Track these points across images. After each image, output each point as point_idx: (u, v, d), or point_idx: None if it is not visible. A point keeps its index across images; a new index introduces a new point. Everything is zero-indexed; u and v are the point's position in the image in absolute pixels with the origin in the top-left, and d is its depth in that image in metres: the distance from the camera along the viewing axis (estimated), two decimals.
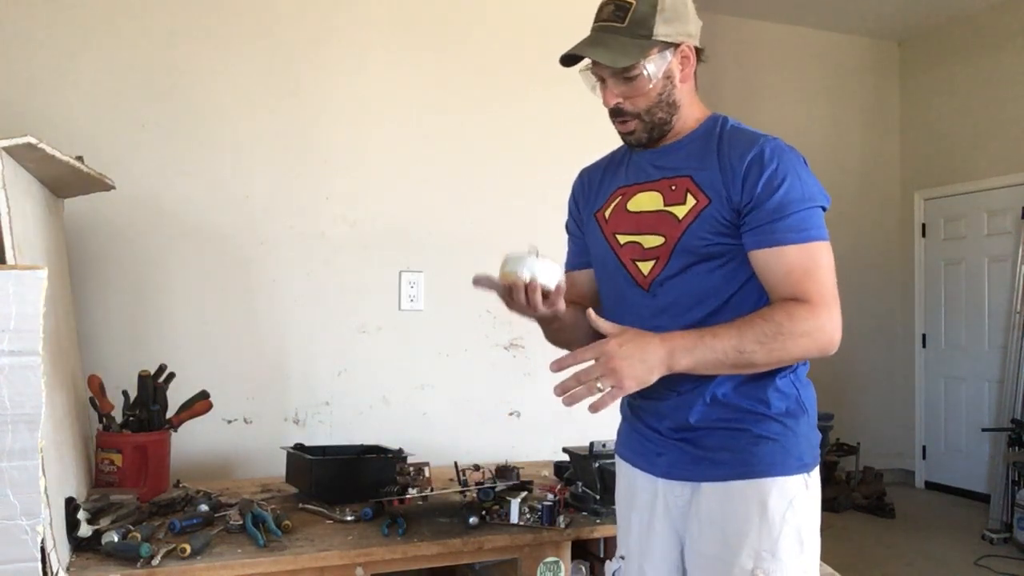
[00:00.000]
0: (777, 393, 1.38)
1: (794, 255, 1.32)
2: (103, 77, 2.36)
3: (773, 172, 1.33)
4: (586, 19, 1.47)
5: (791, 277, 1.32)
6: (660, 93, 1.41)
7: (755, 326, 1.28)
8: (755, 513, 1.34)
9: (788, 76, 6.00)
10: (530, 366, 2.80)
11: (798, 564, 1.34)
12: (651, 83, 1.39)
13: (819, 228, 1.34)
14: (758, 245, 1.34)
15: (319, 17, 2.59)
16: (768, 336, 1.27)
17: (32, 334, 1.30)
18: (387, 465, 2.01)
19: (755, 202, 1.33)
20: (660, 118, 1.42)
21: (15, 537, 1.29)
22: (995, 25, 5.68)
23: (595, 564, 2.05)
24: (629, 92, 1.40)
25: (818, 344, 1.31)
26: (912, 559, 4.38)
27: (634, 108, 1.41)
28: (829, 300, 1.32)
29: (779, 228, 1.32)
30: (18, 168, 1.58)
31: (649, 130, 1.43)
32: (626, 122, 1.43)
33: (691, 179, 1.40)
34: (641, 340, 1.26)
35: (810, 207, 1.34)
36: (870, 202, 6.23)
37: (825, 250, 1.34)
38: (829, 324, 1.31)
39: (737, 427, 1.37)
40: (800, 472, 1.37)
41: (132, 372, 2.05)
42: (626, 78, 1.39)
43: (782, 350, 1.29)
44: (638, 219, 1.45)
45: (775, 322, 1.28)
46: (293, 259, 2.54)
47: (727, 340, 1.27)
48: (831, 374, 5.57)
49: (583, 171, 1.66)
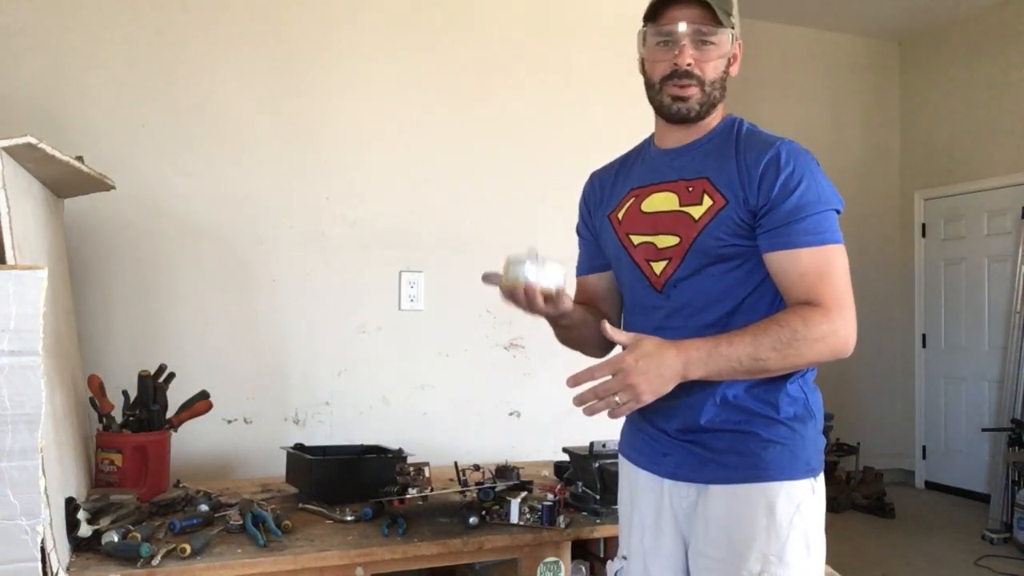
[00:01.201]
0: (787, 397, 1.38)
1: (808, 258, 1.33)
2: (103, 77, 2.36)
3: (789, 175, 1.34)
4: (586, 19, 1.47)
5: (805, 280, 1.33)
6: (723, 71, 1.43)
7: (770, 333, 1.28)
8: (763, 517, 1.34)
9: (788, 76, 6.00)
10: (530, 366, 2.80)
11: (805, 568, 1.34)
12: (722, 55, 1.41)
13: (834, 232, 1.35)
14: (773, 247, 1.35)
15: (320, 17, 2.59)
16: (783, 342, 1.28)
17: (32, 334, 1.30)
18: (387, 465, 2.01)
19: (771, 204, 1.34)
20: (714, 96, 1.43)
21: (15, 537, 1.29)
22: (995, 25, 5.68)
23: (595, 564, 2.05)
24: (701, 58, 1.40)
25: (832, 348, 1.31)
26: (912, 559, 4.38)
27: (702, 74, 1.41)
28: (844, 304, 1.32)
29: (794, 231, 1.33)
30: (18, 168, 1.58)
31: (701, 103, 1.42)
32: (689, 87, 1.41)
33: (708, 180, 1.40)
34: (657, 354, 1.26)
35: (825, 210, 1.34)
36: (870, 202, 6.23)
37: (840, 253, 1.35)
38: (843, 328, 1.31)
39: (746, 430, 1.37)
40: (807, 477, 1.37)
41: (132, 372, 2.05)
42: (706, 41, 1.39)
43: (797, 355, 1.29)
44: (653, 219, 1.45)
45: (791, 328, 1.28)
46: (293, 259, 2.54)
47: (742, 348, 1.28)
48: (831, 374, 5.55)
49: (593, 174, 1.65)
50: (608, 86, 2.87)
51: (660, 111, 1.47)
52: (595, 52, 2.90)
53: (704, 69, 1.41)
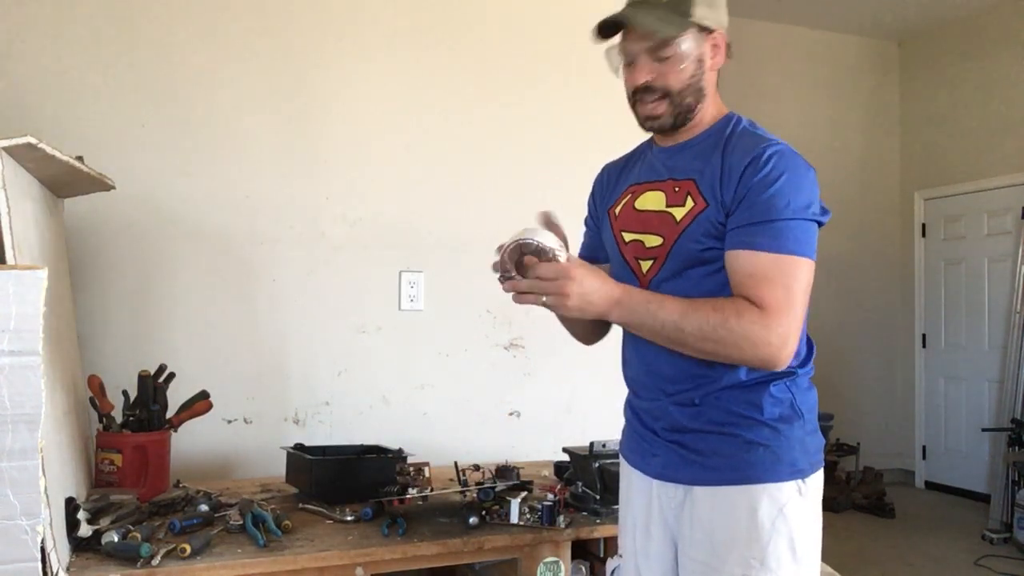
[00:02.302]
0: (771, 398, 1.35)
1: (764, 262, 1.27)
2: (103, 77, 2.36)
3: (766, 175, 1.29)
4: (585, 19, 1.47)
5: (751, 280, 1.27)
6: (691, 76, 1.38)
7: (701, 313, 1.26)
8: (744, 520, 1.32)
9: (788, 76, 6.00)
10: (530, 366, 2.80)
11: (791, 572, 1.31)
12: (684, 62, 1.37)
13: (800, 243, 1.28)
14: (732, 246, 1.31)
15: (320, 17, 2.59)
16: (710, 326, 1.25)
17: (32, 334, 1.30)
18: (387, 465, 2.01)
19: (742, 203, 1.30)
20: (688, 103, 1.39)
21: (15, 537, 1.29)
22: (995, 25, 5.68)
23: (595, 564, 2.05)
24: (661, 70, 1.37)
25: (758, 355, 1.26)
26: (912, 559, 4.38)
27: (664, 86, 1.38)
28: (786, 314, 1.26)
29: (757, 231, 1.28)
30: (18, 168, 1.58)
31: (675, 115, 1.40)
32: (654, 103, 1.39)
33: (694, 182, 1.38)
34: (599, 281, 1.28)
35: (795, 219, 1.28)
36: (870, 202, 6.22)
37: (801, 267, 1.28)
38: (777, 339, 1.25)
39: (729, 432, 1.35)
40: (793, 478, 1.34)
41: (132, 372, 2.05)
42: (660, 56, 1.36)
43: (718, 345, 1.26)
44: (644, 218, 1.44)
45: (722, 315, 1.25)
46: (293, 259, 2.54)
47: (670, 315, 1.28)
48: (831, 374, 5.57)
49: (605, 167, 1.66)
50: (608, 86, 2.86)
51: (640, 125, 1.47)
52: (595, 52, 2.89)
53: (667, 80, 1.38)
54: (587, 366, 2.72)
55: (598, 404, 2.77)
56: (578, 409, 2.85)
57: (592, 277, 1.28)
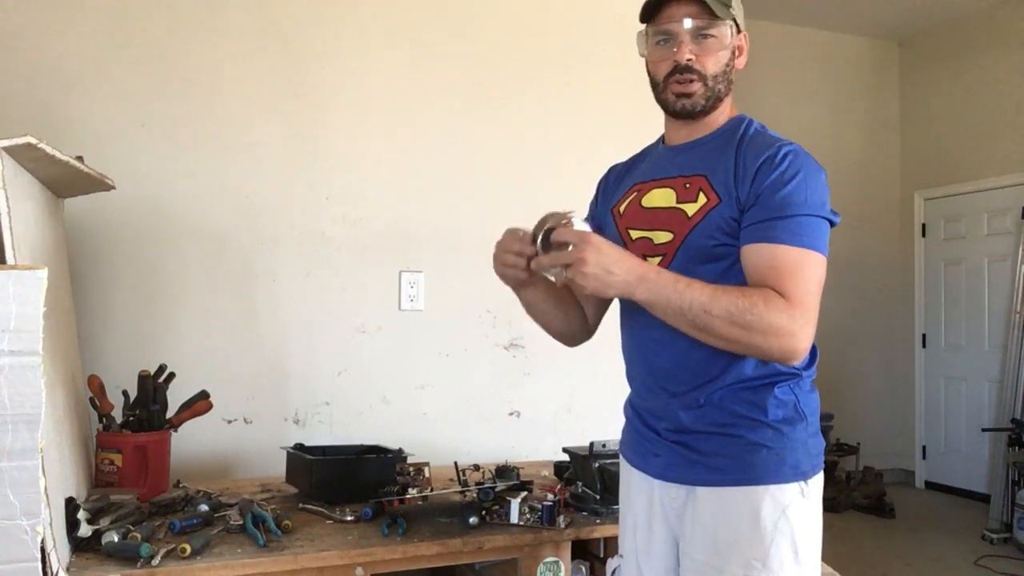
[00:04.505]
0: (775, 400, 1.36)
1: (785, 255, 1.29)
2: (103, 77, 2.36)
3: (783, 172, 1.32)
4: (586, 19, 1.47)
5: (775, 272, 1.28)
6: (726, 64, 1.43)
7: (730, 296, 1.26)
8: (746, 521, 1.32)
9: (788, 76, 6.00)
10: (530, 366, 2.80)
11: (793, 573, 1.32)
12: (723, 49, 1.41)
13: (816, 239, 1.31)
14: (751, 240, 1.32)
15: (320, 17, 2.59)
16: (738, 310, 1.24)
17: (32, 334, 1.30)
18: (387, 465, 2.01)
19: (758, 199, 1.32)
20: (719, 90, 1.43)
21: (15, 537, 1.29)
22: (995, 25, 5.68)
23: (595, 564, 2.05)
24: (701, 52, 1.40)
25: (781, 345, 1.27)
26: (912, 559, 4.38)
27: (703, 69, 1.41)
28: (808, 305, 1.27)
29: (777, 227, 1.30)
30: (18, 168, 1.58)
31: (706, 97, 1.42)
32: (691, 82, 1.41)
33: (706, 179, 1.39)
34: (621, 254, 1.28)
35: (812, 215, 1.31)
36: (870, 202, 6.22)
37: (818, 263, 1.31)
38: (799, 330, 1.26)
39: (732, 433, 1.36)
40: (796, 480, 1.34)
41: (132, 372, 2.05)
42: (705, 35, 1.40)
43: (743, 331, 1.25)
44: (652, 215, 1.44)
45: (751, 302, 1.25)
46: (293, 259, 2.54)
47: (699, 295, 1.26)
48: (831, 374, 5.57)
49: (610, 168, 1.67)
50: (609, 86, 2.87)
51: (666, 108, 1.47)
52: (596, 52, 2.90)
53: (705, 63, 1.41)
54: (587, 366, 2.72)
55: (598, 404, 2.78)
56: (578, 409, 2.85)
57: (612, 248, 1.27)
